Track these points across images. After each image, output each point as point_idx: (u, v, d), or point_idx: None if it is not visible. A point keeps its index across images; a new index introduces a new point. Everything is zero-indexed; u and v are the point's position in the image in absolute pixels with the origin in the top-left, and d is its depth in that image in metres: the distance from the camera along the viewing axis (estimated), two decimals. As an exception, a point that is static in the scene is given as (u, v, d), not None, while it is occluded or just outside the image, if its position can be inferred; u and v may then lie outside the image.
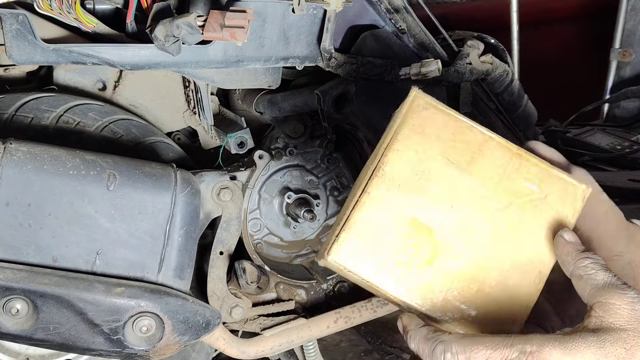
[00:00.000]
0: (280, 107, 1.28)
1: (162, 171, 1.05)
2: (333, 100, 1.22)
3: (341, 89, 1.22)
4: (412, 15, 1.21)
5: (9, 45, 0.96)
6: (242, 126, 1.24)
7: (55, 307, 0.96)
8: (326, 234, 1.45)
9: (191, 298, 1.05)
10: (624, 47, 2.25)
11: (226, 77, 1.15)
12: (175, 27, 0.93)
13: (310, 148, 1.40)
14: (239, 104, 1.39)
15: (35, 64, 0.99)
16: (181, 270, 1.05)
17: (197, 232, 1.10)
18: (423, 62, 1.13)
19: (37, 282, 0.94)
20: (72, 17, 0.97)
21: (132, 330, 1.00)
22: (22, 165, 0.95)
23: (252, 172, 1.28)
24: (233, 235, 1.24)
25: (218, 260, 1.24)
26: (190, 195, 1.06)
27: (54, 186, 0.96)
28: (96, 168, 1.00)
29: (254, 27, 1.05)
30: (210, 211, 1.21)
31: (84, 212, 0.98)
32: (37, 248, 0.96)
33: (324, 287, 1.43)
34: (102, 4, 1.07)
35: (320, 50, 1.12)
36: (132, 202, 1.01)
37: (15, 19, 0.94)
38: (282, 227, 1.41)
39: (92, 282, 0.98)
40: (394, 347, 2.00)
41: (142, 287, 1.00)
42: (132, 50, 1.00)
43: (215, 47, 1.04)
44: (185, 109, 1.35)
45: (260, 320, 1.33)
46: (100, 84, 1.27)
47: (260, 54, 1.09)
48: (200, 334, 1.06)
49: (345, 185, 1.44)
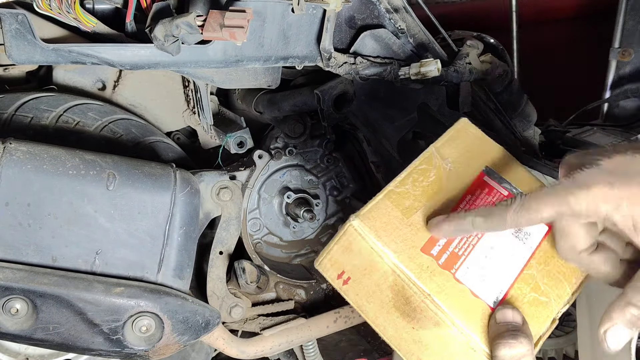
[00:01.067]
0: (279, 107, 1.28)
1: (161, 171, 1.05)
2: (332, 100, 1.22)
3: (341, 88, 1.22)
4: (412, 15, 1.21)
5: (8, 45, 0.95)
6: (241, 126, 1.24)
7: (54, 307, 0.96)
8: (326, 233, 1.45)
9: (191, 298, 1.05)
10: (623, 47, 2.25)
11: (226, 77, 1.15)
12: (174, 26, 0.93)
13: (310, 148, 1.40)
14: (239, 103, 1.39)
15: (34, 63, 0.99)
16: (181, 270, 1.05)
17: (197, 232, 1.10)
18: (422, 62, 1.13)
19: (37, 282, 0.94)
20: (71, 16, 0.97)
21: (132, 330, 1.00)
22: (21, 165, 0.95)
23: (252, 171, 1.28)
24: (232, 235, 1.24)
25: (217, 260, 1.24)
26: (189, 195, 1.06)
27: (53, 186, 0.96)
28: (96, 168, 1.00)
29: (254, 27, 1.05)
30: (210, 211, 1.21)
31: (84, 211, 0.98)
32: (37, 248, 0.96)
33: (323, 287, 1.43)
34: (101, 3, 1.07)
35: (320, 50, 1.12)
36: (132, 202, 1.01)
37: (15, 19, 0.94)
38: (281, 226, 1.41)
39: (92, 282, 0.98)
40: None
41: (142, 287, 1.00)
42: (132, 50, 1.00)
43: (214, 47, 1.04)
44: (185, 109, 1.34)
45: (260, 320, 1.33)
46: (99, 84, 1.27)
47: (259, 54, 1.09)
48: (200, 334, 1.06)
49: (345, 185, 1.44)
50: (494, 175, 0.85)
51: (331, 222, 1.45)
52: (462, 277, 0.74)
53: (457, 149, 0.86)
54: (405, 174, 0.81)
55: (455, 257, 0.75)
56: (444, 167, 0.83)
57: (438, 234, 0.75)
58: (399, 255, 0.73)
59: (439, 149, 0.84)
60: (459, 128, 0.88)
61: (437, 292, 0.72)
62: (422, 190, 0.80)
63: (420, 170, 0.82)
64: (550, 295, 0.77)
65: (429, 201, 0.79)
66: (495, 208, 0.70)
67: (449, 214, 0.76)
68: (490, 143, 0.89)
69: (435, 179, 0.82)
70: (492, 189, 0.83)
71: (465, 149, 0.86)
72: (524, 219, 0.67)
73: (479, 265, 0.75)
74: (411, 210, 0.78)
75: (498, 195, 0.83)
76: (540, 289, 0.77)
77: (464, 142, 0.87)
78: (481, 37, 1.44)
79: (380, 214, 0.76)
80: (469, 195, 0.82)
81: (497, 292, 0.74)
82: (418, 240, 0.75)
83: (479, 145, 0.88)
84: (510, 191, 0.84)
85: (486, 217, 0.70)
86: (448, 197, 0.80)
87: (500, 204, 0.70)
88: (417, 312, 0.73)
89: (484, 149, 0.88)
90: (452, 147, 0.86)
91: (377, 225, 0.75)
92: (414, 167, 0.82)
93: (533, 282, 0.77)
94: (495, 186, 0.84)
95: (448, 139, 0.86)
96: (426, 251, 0.75)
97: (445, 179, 0.82)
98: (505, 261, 0.77)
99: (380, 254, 0.74)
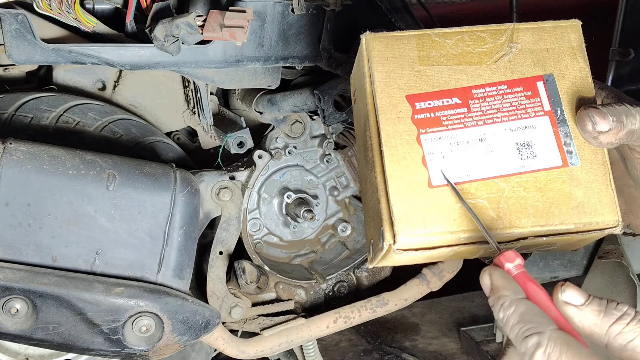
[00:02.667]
0: (279, 107, 1.27)
1: (161, 171, 1.05)
2: (333, 100, 1.22)
3: (341, 89, 1.21)
4: (412, 15, 1.21)
5: (8, 45, 0.96)
6: (241, 126, 1.24)
7: (54, 307, 0.96)
8: (326, 233, 1.45)
9: (191, 298, 1.05)
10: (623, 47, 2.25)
11: (226, 77, 1.15)
12: (174, 27, 0.93)
13: (310, 148, 1.40)
14: (239, 103, 1.39)
15: (34, 63, 0.99)
16: (180, 270, 1.05)
17: (197, 232, 1.10)
18: (423, 62, 1.13)
19: (37, 282, 0.94)
20: (71, 16, 0.97)
21: (132, 330, 1.00)
22: (21, 165, 0.95)
23: (252, 172, 1.28)
24: (232, 235, 1.24)
25: (217, 260, 1.24)
26: (189, 195, 1.06)
27: (53, 186, 0.96)
28: (96, 168, 1.00)
29: (254, 27, 1.05)
30: (210, 211, 1.21)
31: (84, 211, 0.98)
32: (37, 248, 0.96)
33: (323, 287, 1.43)
34: (101, 3, 1.07)
35: (320, 50, 1.12)
36: (132, 202, 1.01)
37: (15, 19, 0.94)
38: (281, 227, 1.41)
39: (92, 282, 0.98)
40: (394, 347, 2.00)
41: (142, 287, 1.00)
42: (132, 50, 1.00)
43: (214, 47, 1.04)
44: (185, 109, 1.34)
45: (260, 320, 1.33)
46: (99, 84, 1.27)
47: (259, 54, 1.09)
48: (200, 334, 1.06)
49: (345, 184, 1.44)
50: (553, 87, 0.70)
51: (331, 222, 1.45)
52: (425, 142, 0.66)
53: (538, 42, 0.71)
54: (455, 29, 0.70)
55: (434, 123, 0.67)
56: (504, 47, 0.70)
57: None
58: (379, 87, 0.67)
59: (517, 29, 0.71)
60: (561, 26, 0.73)
61: (388, 136, 0.66)
62: (460, 52, 0.70)
63: (477, 35, 0.70)
64: (536, 214, 0.66)
65: (457, 65, 0.69)
66: None
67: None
68: (582, 63, 0.71)
69: (486, 52, 0.70)
70: (536, 95, 0.69)
71: (546, 47, 0.71)
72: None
73: (454, 143, 0.67)
74: (430, 60, 0.69)
75: (537, 105, 0.69)
76: (525, 198, 0.66)
77: (551, 41, 0.71)
78: (481, 37, 1.44)
79: (397, 46, 0.69)
80: (504, 85, 0.69)
81: (451, 176, 0.66)
82: (411, 88, 0.68)
83: (567, 56, 0.71)
84: (555, 112, 0.69)
85: None
86: (481, 75, 0.69)
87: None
88: (368, 150, 0.68)
89: (570, 63, 0.71)
90: (534, 36, 0.71)
91: (384, 52, 0.68)
92: (471, 29, 0.70)
93: (518, 189, 0.66)
94: (542, 96, 0.69)
95: (537, 28, 0.72)
96: (411, 100, 0.67)
97: (496, 58, 0.70)
98: (487, 158, 0.67)
99: (367, 77, 0.69)
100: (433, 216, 0.65)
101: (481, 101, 0.69)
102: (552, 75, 0.70)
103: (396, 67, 0.69)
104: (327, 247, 1.45)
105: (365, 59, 0.70)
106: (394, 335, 2.09)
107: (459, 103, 0.68)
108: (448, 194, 0.65)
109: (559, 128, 0.68)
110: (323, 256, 1.45)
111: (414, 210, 0.65)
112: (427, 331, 2.13)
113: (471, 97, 0.69)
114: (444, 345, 2.06)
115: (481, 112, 0.68)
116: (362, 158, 0.74)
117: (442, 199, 0.65)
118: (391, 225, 0.64)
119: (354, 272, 1.44)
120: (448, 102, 0.68)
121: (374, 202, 0.68)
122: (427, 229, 0.64)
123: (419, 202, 0.65)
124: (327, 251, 1.45)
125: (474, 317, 2.17)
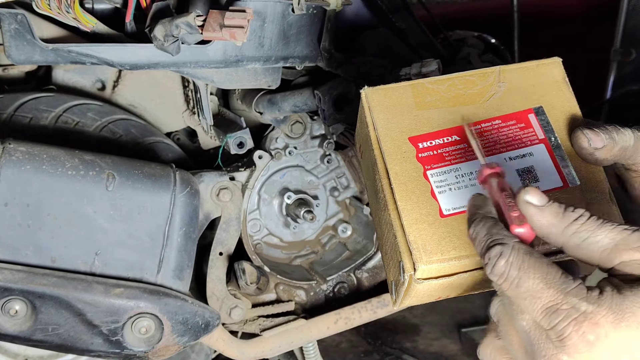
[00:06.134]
0: (280, 107, 1.27)
1: (161, 171, 1.05)
2: (333, 100, 1.21)
3: (341, 89, 1.21)
4: (413, 15, 1.21)
5: (7, 45, 0.95)
6: (241, 126, 1.24)
7: (54, 308, 0.95)
8: (326, 234, 1.45)
9: (190, 299, 1.05)
10: (624, 47, 2.24)
11: (226, 77, 1.15)
12: (174, 26, 0.92)
13: (310, 148, 1.40)
14: (239, 104, 1.39)
15: (34, 63, 0.99)
16: (180, 271, 1.05)
17: (197, 233, 1.10)
18: (423, 62, 1.13)
19: (36, 282, 0.94)
20: (70, 16, 0.97)
21: (131, 331, 0.99)
22: (21, 166, 0.95)
23: (252, 172, 1.28)
24: (232, 236, 1.23)
25: (217, 261, 1.24)
26: (189, 195, 1.05)
27: (52, 186, 0.96)
28: (95, 168, 0.99)
29: (254, 27, 1.05)
30: (210, 212, 1.20)
31: (83, 212, 0.98)
32: (36, 248, 0.96)
33: (323, 288, 1.42)
34: (101, 3, 1.06)
35: (320, 50, 1.12)
36: (131, 203, 1.00)
37: (14, 19, 0.93)
38: (281, 227, 1.41)
39: (91, 282, 0.97)
40: (394, 348, 2.00)
41: (141, 288, 1.00)
42: (131, 50, 1.00)
43: (214, 47, 1.04)
44: (185, 109, 1.34)
45: (260, 321, 1.33)
46: (99, 84, 1.26)
47: (259, 54, 1.09)
48: (200, 335, 1.06)
49: (345, 185, 1.44)
50: (543, 118, 0.74)
51: (331, 223, 1.45)
52: (431, 176, 0.70)
53: (524, 80, 0.76)
54: (446, 76, 0.75)
55: (438, 159, 0.71)
56: (494, 87, 0.75)
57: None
58: (382, 132, 0.72)
59: (503, 71, 0.76)
60: (544, 64, 0.77)
61: (396, 174, 0.70)
62: (453, 95, 0.74)
63: (466, 79, 0.75)
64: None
65: (452, 107, 0.74)
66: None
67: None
68: (568, 94, 0.76)
69: (477, 93, 0.75)
70: (529, 126, 0.73)
71: (532, 83, 0.76)
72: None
73: (459, 175, 0.71)
74: (426, 105, 0.74)
75: (531, 134, 0.73)
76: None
77: (536, 78, 0.76)
78: (482, 37, 1.44)
79: (394, 95, 0.74)
80: (498, 120, 0.73)
81: (459, 205, 0.69)
82: (412, 131, 0.72)
83: (553, 89, 0.76)
84: (549, 139, 0.73)
85: None
86: (475, 113, 0.73)
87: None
88: (379, 192, 0.72)
89: (556, 94, 0.76)
90: (520, 75, 0.76)
91: (384, 102, 0.74)
92: (460, 75, 0.76)
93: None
94: (535, 126, 0.73)
95: (521, 68, 0.77)
96: (413, 141, 0.72)
97: (487, 97, 0.75)
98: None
99: (370, 125, 0.73)
100: (448, 243, 0.68)
101: (479, 136, 0.73)
102: (542, 107, 0.75)
103: (396, 113, 0.74)
104: (328, 248, 1.45)
105: (367, 110, 0.75)
106: (395, 336, 2.09)
107: (458, 140, 0.73)
108: (459, 222, 0.68)
109: (555, 152, 0.72)
110: (323, 257, 1.45)
111: (429, 240, 0.68)
112: (428, 332, 2.13)
113: None
114: (444, 347, 2.06)
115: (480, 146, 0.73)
116: (374, 203, 0.77)
117: (454, 227, 0.68)
118: (409, 255, 0.67)
119: (355, 273, 1.44)
120: (448, 140, 0.73)
121: (390, 241, 0.72)
122: (444, 254, 0.67)
123: (433, 232, 0.68)
124: (328, 252, 1.45)
125: (474, 318, 2.17)
